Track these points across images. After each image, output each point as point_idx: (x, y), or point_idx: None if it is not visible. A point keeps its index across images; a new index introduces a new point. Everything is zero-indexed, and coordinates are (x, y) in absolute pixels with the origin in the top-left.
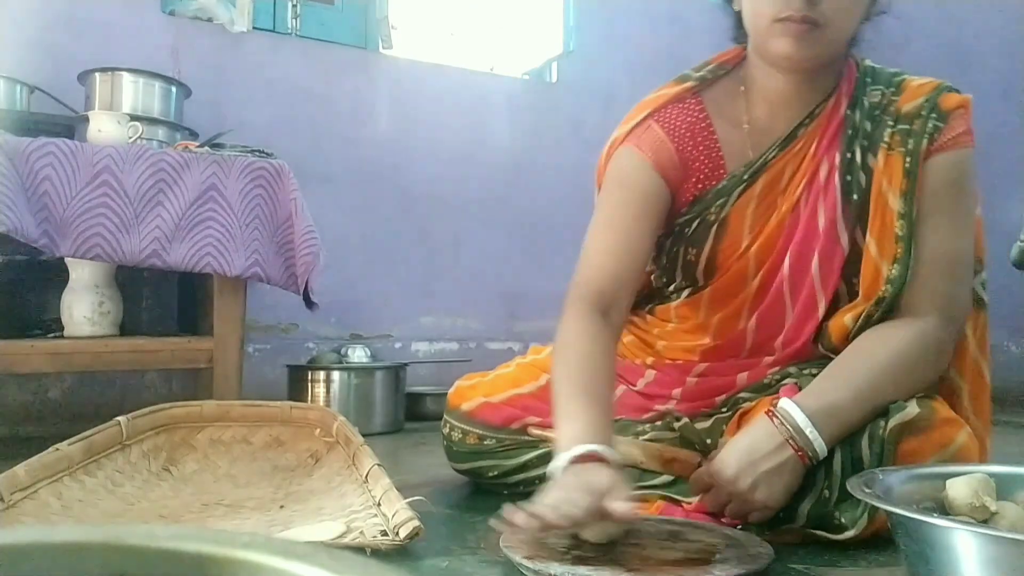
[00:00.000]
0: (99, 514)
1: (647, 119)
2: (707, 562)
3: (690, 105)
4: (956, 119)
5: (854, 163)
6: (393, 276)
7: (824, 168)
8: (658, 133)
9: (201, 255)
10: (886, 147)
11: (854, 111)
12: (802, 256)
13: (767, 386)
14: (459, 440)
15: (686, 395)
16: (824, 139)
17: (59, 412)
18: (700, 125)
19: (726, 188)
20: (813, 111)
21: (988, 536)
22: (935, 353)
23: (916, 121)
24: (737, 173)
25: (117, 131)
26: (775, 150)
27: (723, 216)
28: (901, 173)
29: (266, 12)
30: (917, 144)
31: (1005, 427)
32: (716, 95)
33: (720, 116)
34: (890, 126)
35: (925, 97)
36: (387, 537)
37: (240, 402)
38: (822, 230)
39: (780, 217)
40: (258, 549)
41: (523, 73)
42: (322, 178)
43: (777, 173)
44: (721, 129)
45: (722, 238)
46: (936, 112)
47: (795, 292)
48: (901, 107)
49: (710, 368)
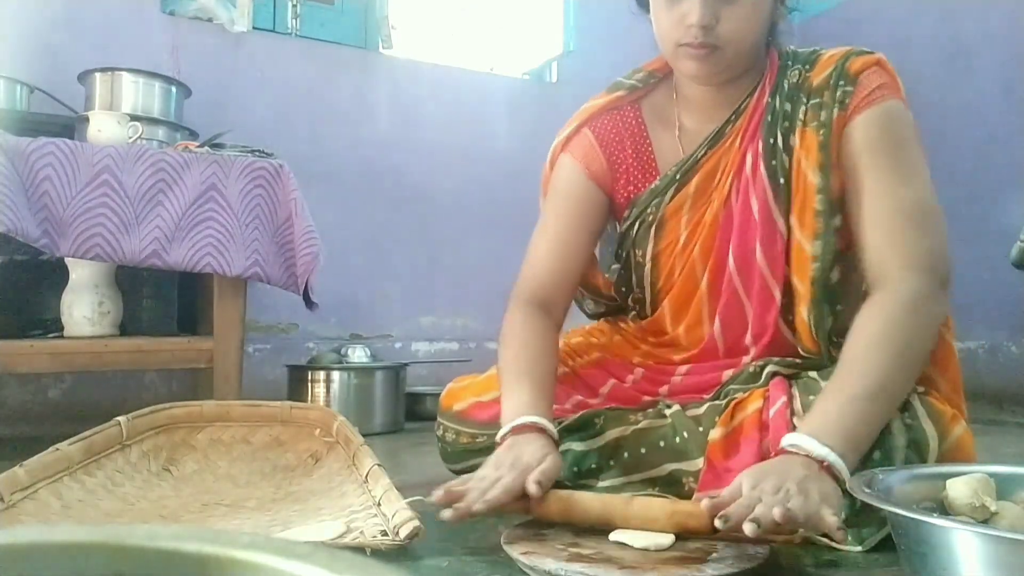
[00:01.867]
0: (99, 514)
1: (581, 127)
2: (703, 561)
3: (626, 113)
4: (867, 78)
5: (776, 147)
6: (393, 276)
7: (749, 157)
8: (589, 140)
9: (201, 255)
10: (802, 124)
11: (775, 97)
12: (744, 247)
13: (754, 375)
14: (452, 440)
15: (674, 391)
16: (748, 130)
17: (59, 412)
18: (634, 131)
19: (659, 188)
20: (738, 107)
21: (988, 536)
22: (925, 320)
23: (825, 92)
24: (669, 173)
25: (117, 131)
26: (704, 148)
27: (660, 216)
28: (816, 147)
29: (266, 12)
30: (828, 115)
31: (1005, 427)
32: (653, 102)
33: (656, 122)
34: (804, 103)
35: (833, 67)
36: (387, 537)
37: (240, 402)
38: (757, 218)
39: (714, 212)
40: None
41: (523, 73)
42: (322, 178)
43: (710, 170)
44: (655, 134)
45: (661, 237)
46: (844, 78)
47: (747, 285)
48: (813, 81)
49: (695, 367)
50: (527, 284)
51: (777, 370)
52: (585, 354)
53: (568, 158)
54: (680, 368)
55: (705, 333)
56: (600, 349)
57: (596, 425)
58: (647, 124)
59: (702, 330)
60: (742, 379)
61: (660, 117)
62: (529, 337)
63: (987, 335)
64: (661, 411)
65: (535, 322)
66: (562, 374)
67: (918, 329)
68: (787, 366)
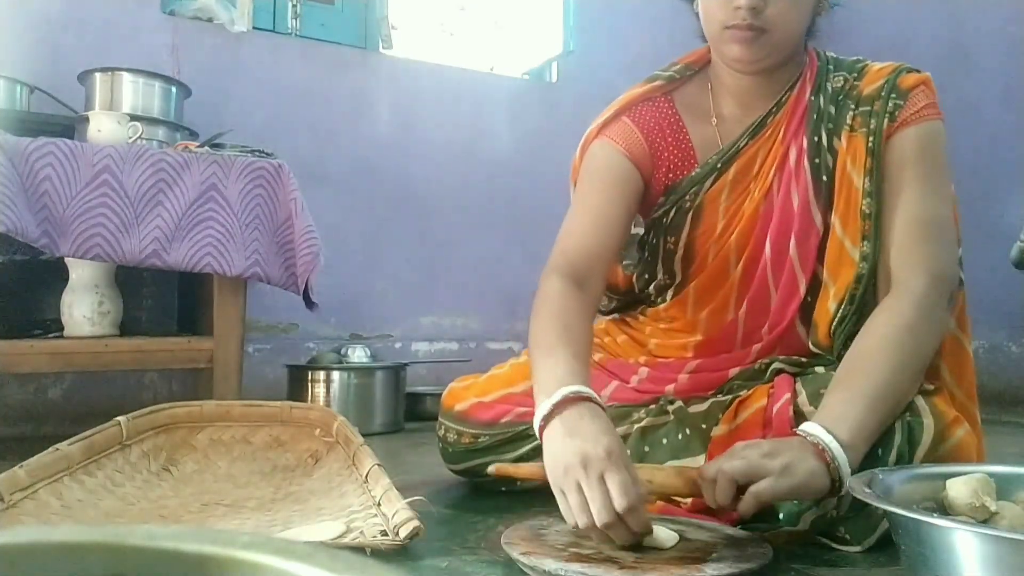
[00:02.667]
0: (99, 514)
1: (619, 115)
2: (703, 560)
3: (660, 103)
4: (916, 96)
5: (821, 146)
6: (393, 276)
7: (793, 152)
8: (629, 125)
9: (201, 255)
10: (849, 129)
11: (818, 96)
12: (780, 239)
13: (759, 373)
14: (454, 441)
15: (679, 390)
16: (791, 125)
17: (59, 412)
18: (670, 120)
19: (699, 176)
20: (780, 100)
21: (988, 536)
22: (927, 318)
23: (877, 102)
24: (710, 162)
25: (117, 131)
26: (746, 138)
27: (697, 203)
28: (864, 152)
29: (266, 12)
30: (879, 124)
31: (1005, 427)
32: (686, 93)
33: (690, 113)
34: (852, 109)
35: (884, 79)
36: (387, 537)
37: (240, 402)
38: (796, 212)
39: (754, 203)
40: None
41: (523, 73)
42: (322, 178)
43: (749, 160)
44: (691, 125)
45: (698, 224)
46: (896, 92)
47: (776, 275)
48: (863, 90)
49: (702, 364)
50: (563, 257)
51: (782, 367)
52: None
53: (606, 141)
54: (688, 365)
55: (727, 319)
56: (603, 350)
57: None
58: (681, 115)
59: (726, 316)
60: (747, 376)
61: (694, 108)
62: (564, 306)
63: (987, 335)
64: (664, 407)
65: (569, 293)
66: None
67: (927, 334)
68: (792, 364)
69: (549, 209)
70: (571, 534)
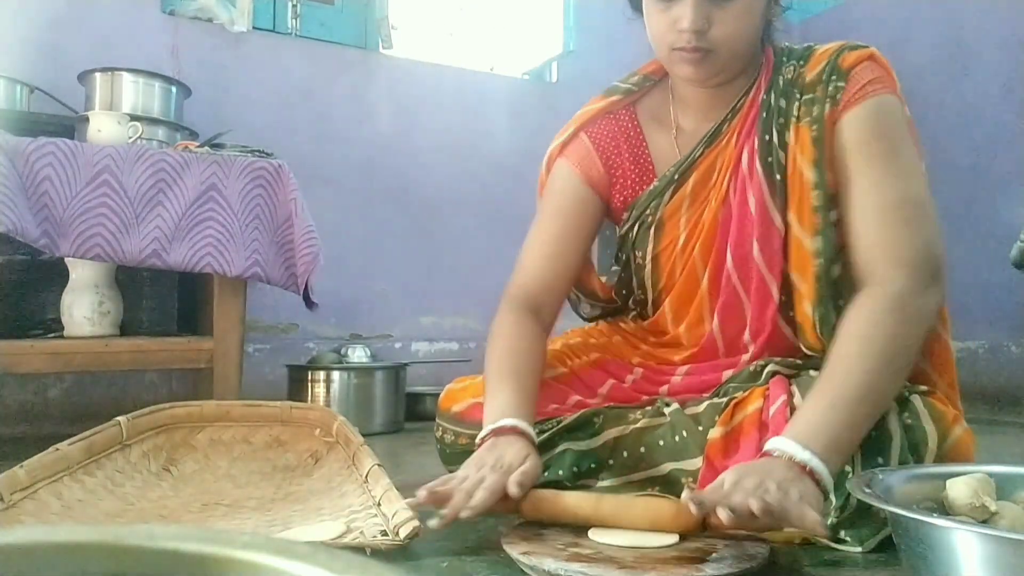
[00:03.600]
0: (99, 514)
1: (578, 132)
2: (703, 560)
3: (621, 116)
4: (859, 73)
5: (772, 144)
6: (393, 276)
7: (745, 154)
8: (586, 145)
9: (201, 255)
10: (796, 120)
11: (770, 93)
12: (741, 244)
13: (755, 374)
14: (451, 442)
15: (673, 391)
16: (744, 127)
17: (59, 412)
18: (630, 134)
19: (657, 189)
20: (734, 106)
21: (988, 536)
22: (911, 317)
23: (818, 88)
24: (667, 175)
25: (117, 131)
26: (701, 147)
27: (659, 217)
28: (810, 142)
29: (266, 12)
30: (820, 110)
31: (1005, 427)
32: (648, 104)
33: (651, 124)
34: (797, 99)
35: (825, 62)
36: (387, 537)
37: (240, 402)
38: (755, 215)
39: (713, 211)
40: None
41: (523, 73)
42: (322, 178)
43: (707, 169)
44: (651, 136)
45: (661, 239)
46: (836, 73)
47: (745, 282)
48: (806, 77)
49: (695, 368)
50: (518, 286)
51: (777, 369)
52: (584, 354)
53: (565, 163)
54: (680, 368)
55: (706, 332)
56: (599, 349)
57: (595, 424)
58: (643, 127)
59: (703, 328)
60: (742, 378)
61: (656, 119)
62: (515, 339)
63: (987, 335)
64: (660, 409)
65: (523, 324)
66: (561, 374)
67: (902, 327)
68: (788, 366)
69: None
70: (571, 533)
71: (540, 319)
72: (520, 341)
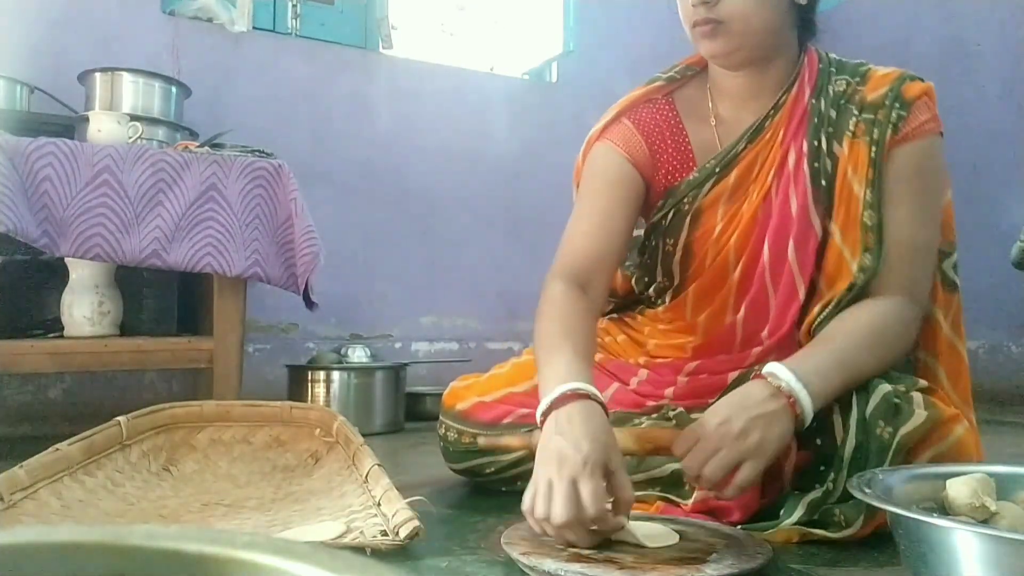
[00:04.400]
0: (99, 514)
1: (619, 117)
2: (703, 561)
3: (660, 105)
4: (919, 108)
5: (820, 150)
6: (393, 276)
7: (792, 155)
8: (629, 128)
9: (201, 255)
10: (851, 135)
11: (819, 99)
12: (778, 242)
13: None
14: (455, 440)
15: (678, 394)
16: (790, 127)
17: (59, 412)
18: (670, 122)
19: (697, 180)
20: (777, 101)
21: (988, 536)
22: (904, 327)
23: (880, 111)
24: (708, 166)
25: (117, 131)
26: (744, 141)
27: (696, 206)
28: (866, 162)
29: (266, 12)
30: (882, 134)
31: (1005, 427)
32: (686, 95)
33: (690, 114)
34: (855, 115)
35: (889, 86)
36: (387, 537)
37: (240, 402)
38: (795, 216)
39: (753, 206)
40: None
41: (523, 73)
42: (322, 178)
43: (749, 164)
44: (690, 126)
45: (696, 227)
46: (899, 101)
47: (775, 279)
48: (866, 96)
49: (701, 366)
50: (565, 262)
51: None
52: None
53: (607, 144)
54: (687, 366)
55: (726, 322)
56: (603, 350)
57: None
58: (681, 115)
59: (724, 318)
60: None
61: (693, 109)
62: (566, 309)
63: (987, 335)
64: (666, 414)
65: (573, 297)
66: None
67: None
68: None
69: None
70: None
71: (588, 295)
72: (570, 311)
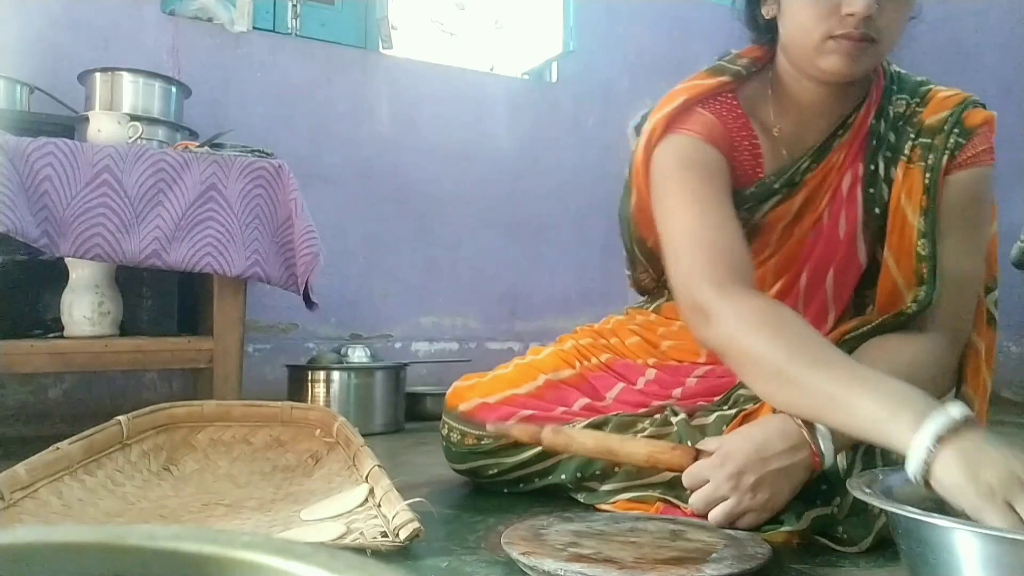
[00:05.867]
0: (99, 514)
1: (690, 106)
2: (703, 561)
3: (728, 101)
4: (979, 136)
5: (877, 175)
6: (393, 276)
7: (848, 179)
8: (709, 118)
9: (201, 255)
10: (907, 160)
11: (879, 121)
12: (820, 268)
13: None
14: (457, 441)
15: (686, 394)
16: (852, 149)
17: (59, 412)
18: (740, 122)
19: (756, 195)
20: (846, 121)
21: (988, 536)
22: (942, 372)
23: (938, 136)
24: (768, 181)
25: (117, 131)
26: (808, 160)
27: (753, 222)
28: (921, 189)
29: (266, 12)
30: (938, 160)
31: (1005, 427)
32: (748, 93)
33: (754, 117)
34: (911, 138)
35: (949, 111)
36: (387, 538)
37: (240, 402)
38: (842, 242)
39: (804, 228)
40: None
41: (523, 73)
42: (322, 178)
43: (816, 186)
44: (757, 129)
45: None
46: (959, 128)
47: (808, 301)
48: (925, 119)
49: (712, 370)
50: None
51: None
52: (594, 355)
53: (682, 133)
54: (697, 370)
55: None
56: (610, 350)
57: (603, 431)
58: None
59: None
60: None
61: (756, 113)
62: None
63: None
64: (667, 419)
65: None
66: (569, 376)
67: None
68: None
69: (549, 209)
70: (571, 534)
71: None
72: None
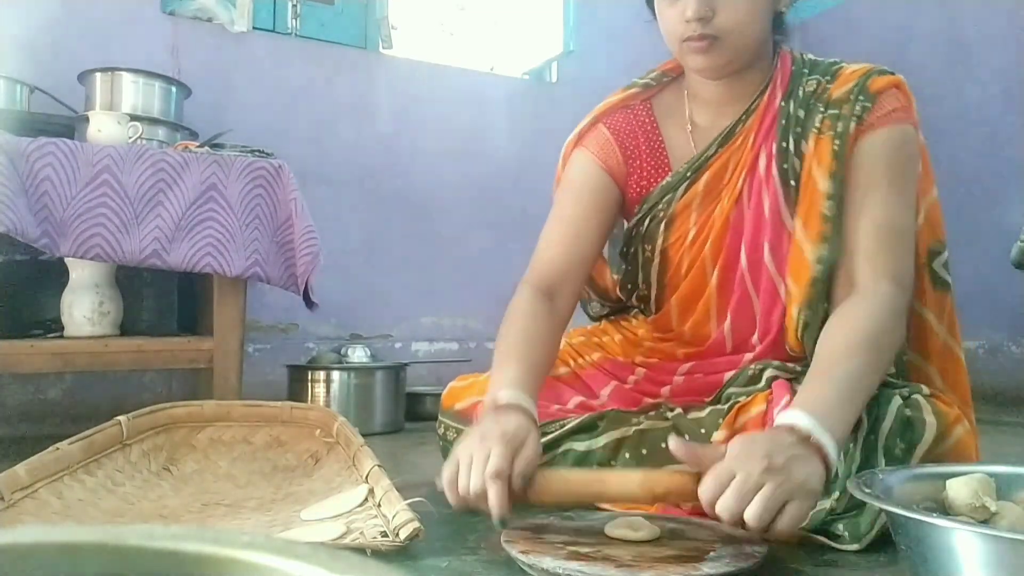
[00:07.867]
0: (99, 514)
1: (596, 123)
2: (700, 559)
3: (637, 110)
4: (886, 98)
5: (788, 151)
6: (393, 276)
7: (762, 158)
8: (604, 134)
9: (201, 255)
10: (816, 132)
11: (788, 101)
12: (755, 247)
13: (754, 378)
14: (454, 439)
15: (676, 391)
16: (761, 131)
17: (59, 412)
18: (646, 127)
19: (670, 184)
20: (749, 107)
21: (988, 536)
22: (896, 320)
23: (845, 105)
24: (680, 170)
25: (117, 131)
26: (715, 146)
27: (671, 212)
28: (830, 155)
29: (266, 12)
30: (845, 126)
31: (1005, 427)
32: (663, 100)
33: (667, 119)
34: (821, 112)
35: (855, 82)
36: (387, 538)
37: (240, 402)
38: (768, 219)
39: (725, 210)
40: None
41: (523, 73)
42: (322, 178)
43: (720, 168)
44: (667, 131)
45: (671, 233)
46: (864, 94)
47: (756, 284)
48: (833, 93)
49: (696, 366)
50: (535, 270)
51: (777, 374)
52: (587, 354)
53: (583, 152)
54: (682, 367)
55: (712, 330)
56: (601, 349)
57: (598, 427)
58: (659, 121)
59: (709, 327)
60: (742, 381)
61: (670, 115)
62: (528, 319)
63: (987, 335)
64: (663, 414)
65: (537, 306)
66: (564, 374)
67: (896, 337)
68: (786, 371)
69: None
70: (570, 533)
71: (555, 304)
72: (532, 321)
